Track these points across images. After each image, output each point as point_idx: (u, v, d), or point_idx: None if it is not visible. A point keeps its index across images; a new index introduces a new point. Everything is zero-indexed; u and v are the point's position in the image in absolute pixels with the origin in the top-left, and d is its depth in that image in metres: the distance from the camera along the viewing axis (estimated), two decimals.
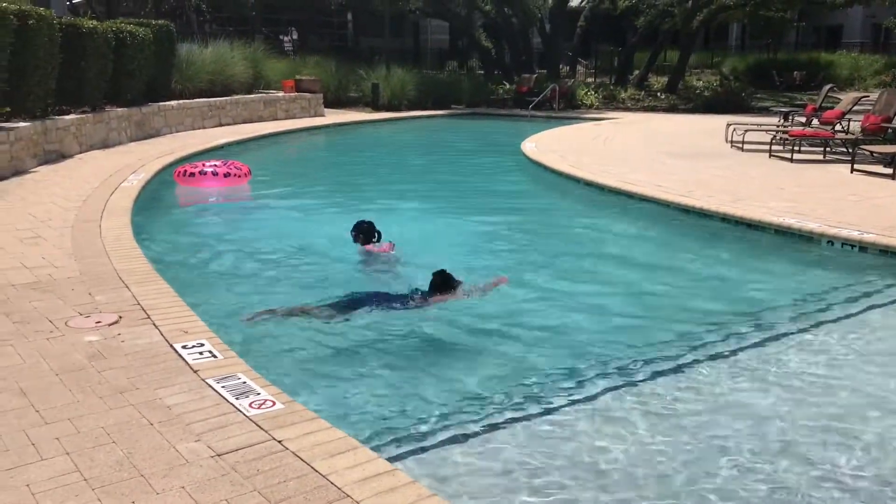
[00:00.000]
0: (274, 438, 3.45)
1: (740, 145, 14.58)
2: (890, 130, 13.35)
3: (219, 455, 3.30)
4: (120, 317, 4.99)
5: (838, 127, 14.96)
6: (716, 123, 18.15)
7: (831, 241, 7.70)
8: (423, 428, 4.07)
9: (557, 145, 15.17)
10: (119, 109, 14.61)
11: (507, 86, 27.58)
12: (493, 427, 4.11)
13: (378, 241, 7.44)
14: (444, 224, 9.29)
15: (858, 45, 44.47)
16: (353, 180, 12.61)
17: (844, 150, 13.55)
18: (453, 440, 3.95)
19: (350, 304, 5.90)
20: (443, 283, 6.12)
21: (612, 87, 28.27)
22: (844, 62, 36.71)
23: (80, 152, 12.84)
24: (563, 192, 11.52)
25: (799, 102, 24.85)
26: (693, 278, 6.95)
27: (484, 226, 9.12)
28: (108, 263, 6.28)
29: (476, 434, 4.02)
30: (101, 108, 13.97)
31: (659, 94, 27.94)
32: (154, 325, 4.86)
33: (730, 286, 6.75)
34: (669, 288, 6.73)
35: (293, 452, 3.33)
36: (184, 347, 4.48)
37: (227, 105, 18.95)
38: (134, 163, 12.14)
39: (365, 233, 7.43)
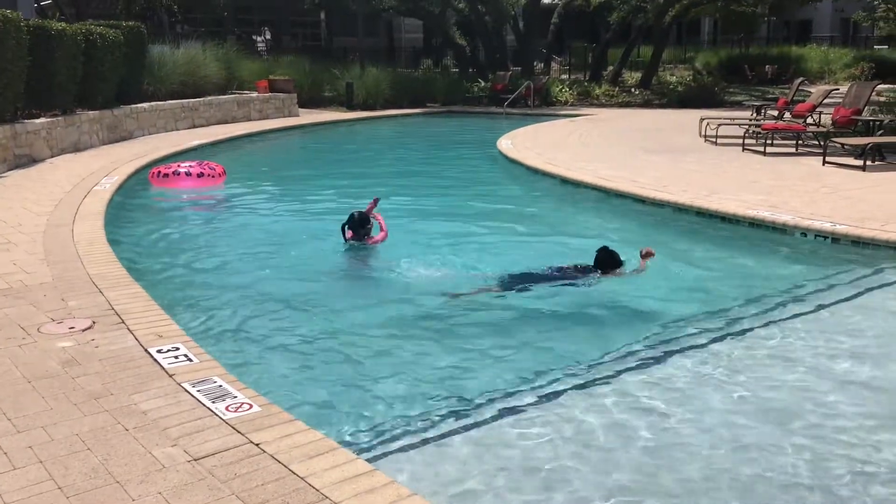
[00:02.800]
0: (251, 441, 3.42)
1: (714, 140, 14.71)
2: (860, 123, 13.53)
3: (195, 459, 3.27)
4: (94, 322, 4.93)
5: (810, 120, 15.15)
6: (689, 118, 18.28)
7: (804, 232, 7.79)
8: (404, 427, 4.05)
9: (533, 142, 15.21)
10: (90, 112, 14.43)
11: (483, 83, 27.61)
12: (472, 426, 4.10)
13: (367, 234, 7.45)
14: (422, 222, 9.27)
15: (828, 38, 45.02)
16: (329, 180, 12.57)
17: (816, 142, 13.70)
18: (433, 439, 3.94)
19: (524, 278, 6.33)
20: (609, 258, 6.50)
21: (586, 84, 28.40)
22: (815, 56, 37.19)
23: (52, 156, 12.68)
24: (539, 189, 11.55)
25: (771, 96, 25.11)
26: (667, 272, 6.98)
27: (460, 223, 9.11)
28: (80, 268, 6.21)
29: (456, 433, 4.02)
30: (71, 111, 13.79)
31: (633, 89, 28.11)
32: (128, 329, 4.80)
33: (703, 279, 6.80)
34: (643, 281, 6.76)
35: (271, 455, 3.31)
36: (159, 352, 4.43)
37: (201, 106, 18.80)
38: (107, 166, 12.00)
39: (360, 224, 7.41)
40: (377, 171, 13.78)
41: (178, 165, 11.33)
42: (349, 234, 7.46)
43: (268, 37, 34.77)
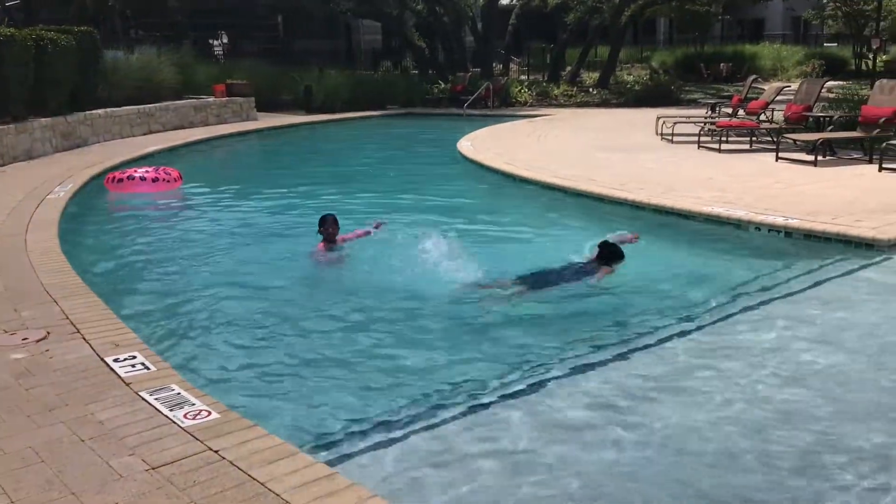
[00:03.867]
0: (210, 448, 3.40)
1: (670, 137, 14.91)
2: (811, 119, 13.82)
3: (154, 468, 3.24)
4: (48, 332, 4.85)
5: (763, 117, 15.43)
6: (646, 117, 18.51)
7: (758, 227, 7.94)
8: (365, 430, 4.06)
9: (493, 143, 15.28)
10: (43, 119, 14.17)
11: (442, 85, 27.65)
12: (434, 426, 4.12)
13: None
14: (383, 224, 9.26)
15: (780, 36, 45.89)
16: (288, 183, 12.48)
17: (769, 139, 13.97)
18: (396, 440, 3.95)
19: (539, 280, 6.31)
20: (612, 254, 6.59)
21: (545, 84, 28.58)
22: (768, 54, 37.87)
23: (3, 164, 12.43)
24: (499, 190, 11.61)
25: (725, 94, 25.51)
26: (623, 269, 7.07)
27: (422, 223, 9.11)
28: (34, 278, 6.10)
29: (418, 433, 4.03)
30: (23, 119, 13.53)
31: (591, 89, 28.35)
32: (84, 339, 4.74)
33: (659, 275, 6.89)
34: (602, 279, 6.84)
35: (230, 462, 3.29)
36: (115, 361, 4.38)
37: (157, 111, 18.57)
38: (61, 174, 11.80)
39: (320, 225, 7.38)
40: (337, 175, 13.72)
41: (134, 171, 11.27)
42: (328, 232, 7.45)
43: (224, 41, 34.47)
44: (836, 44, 45.19)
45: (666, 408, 4.30)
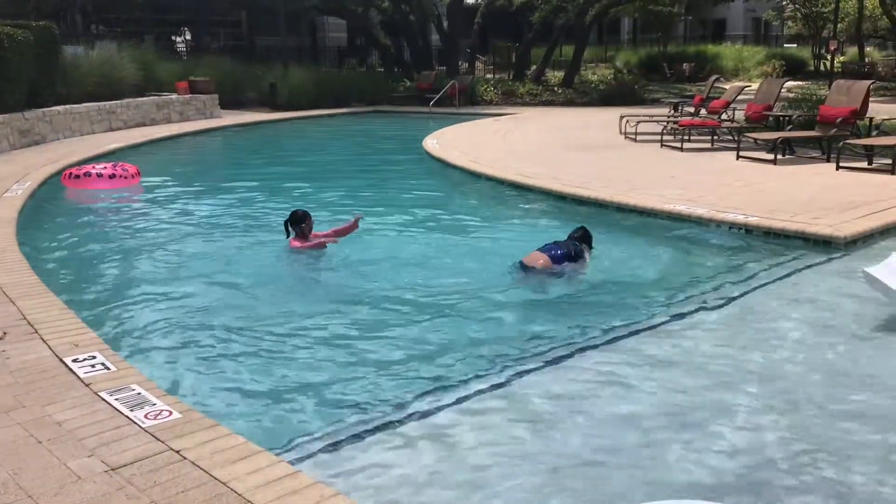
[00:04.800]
0: (171, 448, 3.37)
1: (633, 136, 15.06)
2: (771, 118, 14.05)
3: (113, 469, 3.20)
4: (4, 333, 4.76)
5: (724, 116, 15.66)
6: (611, 116, 18.66)
7: (719, 225, 8.05)
8: (327, 428, 4.04)
9: (459, 141, 15.30)
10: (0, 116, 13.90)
11: (408, 83, 27.62)
12: (395, 424, 4.12)
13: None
14: (348, 217, 9.22)
15: (742, 37, 46.60)
16: (251, 180, 12.37)
17: (730, 137, 14.17)
18: (357, 438, 3.94)
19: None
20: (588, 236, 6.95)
21: (510, 83, 28.69)
22: (729, 54, 38.45)
23: None
24: (465, 188, 11.63)
25: (688, 93, 25.83)
26: (588, 267, 7.14)
27: (386, 221, 9.11)
28: None
29: (381, 429, 4.02)
30: None
31: (556, 88, 28.53)
32: (42, 339, 4.66)
33: (621, 272, 6.95)
34: (567, 277, 6.89)
35: (192, 461, 3.26)
36: (74, 361, 4.31)
37: (118, 108, 18.30)
38: (18, 171, 11.58)
39: (299, 221, 7.33)
40: (300, 172, 13.64)
41: (92, 167, 11.26)
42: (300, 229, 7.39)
43: (187, 37, 34.08)
44: (795, 45, 46.04)
45: (609, 404, 4.34)
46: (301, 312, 5.85)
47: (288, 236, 7.42)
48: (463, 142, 15.23)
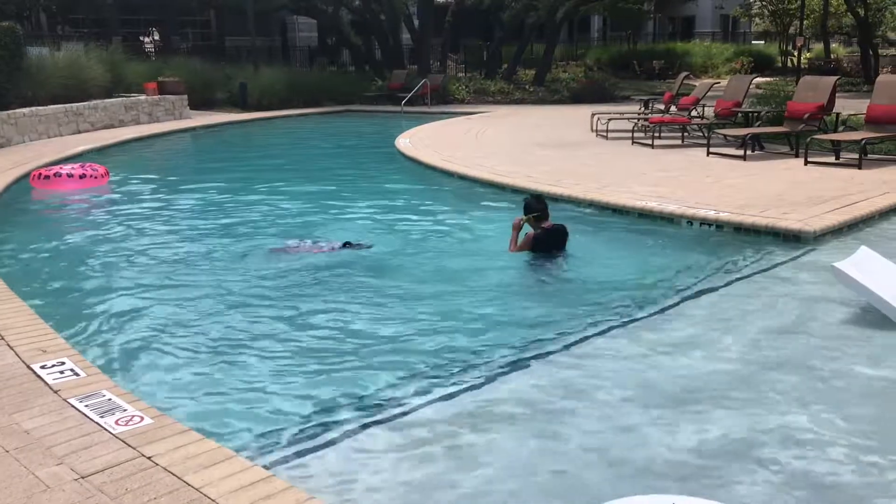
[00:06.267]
0: (143, 455, 3.32)
1: (605, 134, 15.14)
2: (740, 114, 14.19)
3: (83, 477, 3.15)
4: None
5: (694, 113, 15.80)
6: (582, 114, 18.74)
7: (690, 221, 8.12)
8: (302, 431, 4.01)
9: (431, 140, 15.29)
10: None
11: (380, 82, 27.54)
12: (369, 426, 4.10)
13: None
14: (322, 225, 9.18)
15: (710, 34, 47.03)
16: (221, 181, 12.26)
17: (700, 134, 14.30)
18: (331, 442, 3.91)
19: None
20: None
21: (482, 82, 28.70)
22: (698, 51, 38.76)
23: None
24: (438, 186, 11.61)
25: (658, 91, 26.00)
26: (559, 263, 7.16)
27: (356, 221, 9.08)
28: None
29: (353, 433, 4.00)
30: None
31: (527, 86, 28.58)
32: (9, 346, 4.58)
33: (593, 269, 6.98)
34: (540, 275, 6.91)
35: (164, 468, 3.22)
36: (42, 367, 4.24)
37: (85, 110, 18.05)
38: None
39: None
40: (271, 173, 13.54)
41: (60, 167, 11.19)
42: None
43: (156, 37, 33.70)
44: (763, 41, 46.55)
45: (586, 406, 4.36)
46: (273, 315, 5.80)
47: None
48: (435, 141, 15.21)
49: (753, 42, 47.59)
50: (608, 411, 4.23)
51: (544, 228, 7.12)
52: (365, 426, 4.06)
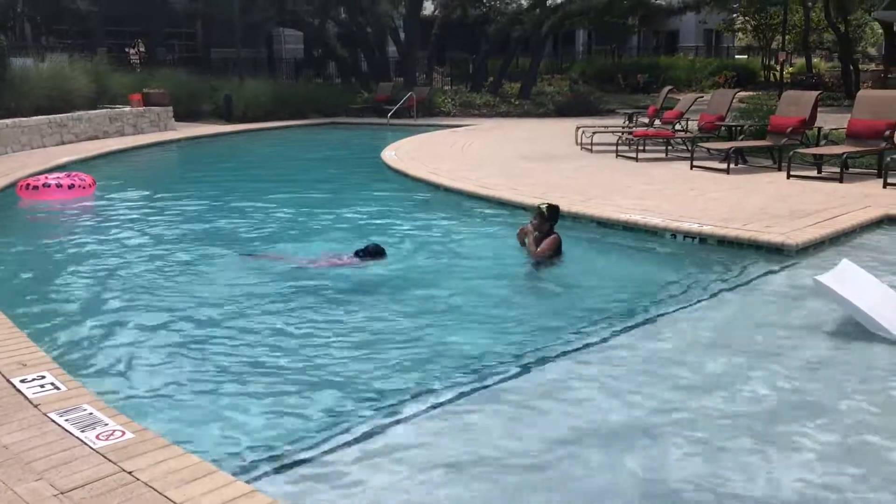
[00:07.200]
0: (124, 470, 3.30)
1: (590, 147, 15.21)
2: (723, 128, 14.31)
3: (62, 493, 3.12)
4: None
5: (678, 126, 15.90)
6: (567, 127, 18.84)
7: (674, 234, 8.16)
8: (284, 445, 3.99)
9: (417, 153, 15.31)
10: None
11: (366, 95, 27.58)
12: (352, 442, 4.08)
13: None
14: (306, 237, 9.16)
15: (694, 48, 47.47)
16: (206, 192, 12.21)
17: (684, 147, 14.39)
18: (313, 458, 3.89)
19: None
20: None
21: (468, 95, 28.80)
22: (682, 65, 39.15)
23: None
24: (423, 198, 11.62)
25: (642, 104, 26.18)
26: (543, 275, 7.17)
27: (342, 233, 9.07)
28: None
29: (337, 449, 3.99)
30: None
31: (513, 100, 28.70)
32: None
33: (576, 281, 7.00)
34: (524, 285, 6.93)
35: (145, 483, 3.19)
36: (22, 381, 4.20)
37: (69, 122, 17.96)
38: None
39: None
40: (256, 185, 13.50)
41: (47, 177, 11.15)
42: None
43: (141, 49, 33.56)
44: (746, 56, 47.04)
45: (565, 416, 4.36)
46: (255, 328, 5.78)
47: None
48: (421, 153, 15.24)
49: (737, 56, 48.10)
50: (577, 427, 4.23)
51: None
52: (349, 443, 4.04)
